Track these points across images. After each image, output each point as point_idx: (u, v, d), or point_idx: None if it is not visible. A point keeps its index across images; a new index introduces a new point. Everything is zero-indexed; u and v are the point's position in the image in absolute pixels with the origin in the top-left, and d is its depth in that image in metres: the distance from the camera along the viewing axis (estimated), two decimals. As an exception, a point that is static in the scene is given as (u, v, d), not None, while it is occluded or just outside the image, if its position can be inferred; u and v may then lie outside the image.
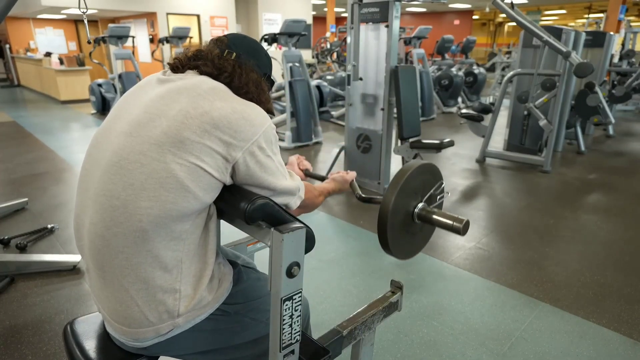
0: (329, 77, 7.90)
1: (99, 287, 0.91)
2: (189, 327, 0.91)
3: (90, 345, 1.00)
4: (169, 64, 1.01)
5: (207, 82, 0.92)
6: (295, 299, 0.88)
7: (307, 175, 1.45)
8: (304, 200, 1.05)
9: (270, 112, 1.03)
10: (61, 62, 8.70)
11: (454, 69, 7.99)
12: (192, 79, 0.92)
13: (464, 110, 4.91)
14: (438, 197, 1.24)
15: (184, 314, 0.89)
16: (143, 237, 0.82)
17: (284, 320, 0.87)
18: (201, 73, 0.95)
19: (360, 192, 1.35)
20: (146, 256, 0.83)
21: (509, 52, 13.79)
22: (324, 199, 1.21)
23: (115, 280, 0.86)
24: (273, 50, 6.81)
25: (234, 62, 0.97)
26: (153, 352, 0.94)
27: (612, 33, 5.64)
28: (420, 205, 1.15)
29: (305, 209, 1.11)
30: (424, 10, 19.54)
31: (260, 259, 1.42)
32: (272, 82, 1.09)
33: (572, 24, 22.04)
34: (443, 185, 1.25)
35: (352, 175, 1.39)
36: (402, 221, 1.12)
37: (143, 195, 0.81)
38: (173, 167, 0.81)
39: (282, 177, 0.96)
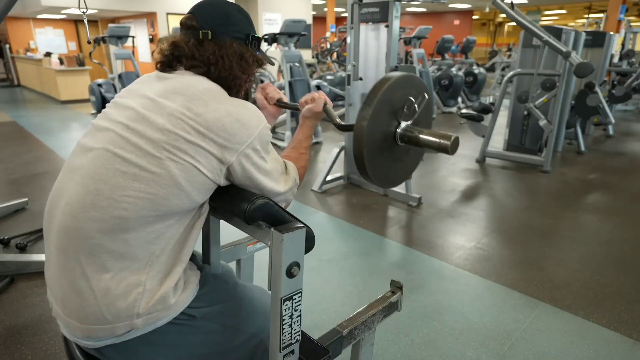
0: (329, 77, 7.89)
1: (57, 276, 0.86)
2: (148, 330, 0.86)
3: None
4: (156, 68, 0.99)
5: (202, 82, 0.92)
6: (295, 299, 0.88)
7: (280, 106, 1.27)
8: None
9: (270, 62, 1.05)
10: (61, 62, 8.70)
11: (454, 69, 7.99)
12: (187, 79, 0.92)
13: (464, 110, 4.91)
14: (417, 107, 1.06)
15: (143, 314, 0.84)
16: (123, 225, 0.81)
17: (283, 320, 0.87)
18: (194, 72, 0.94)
19: (338, 120, 1.17)
20: (120, 245, 0.81)
21: (509, 50, 13.78)
22: (309, 146, 1.16)
23: (77, 267, 0.82)
24: (273, 50, 6.80)
25: (214, 47, 0.94)
26: (109, 356, 0.88)
27: (612, 33, 5.64)
28: (402, 124, 1.03)
29: (300, 180, 1.09)
30: (424, 10, 19.53)
31: (260, 259, 1.42)
32: (258, 40, 1.03)
33: (572, 24, 22.03)
34: (424, 96, 1.08)
35: (320, 101, 1.17)
36: (383, 143, 1.01)
37: (134, 186, 0.81)
38: (168, 164, 0.81)
39: (278, 175, 0.96)
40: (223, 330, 0.96)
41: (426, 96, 1.10)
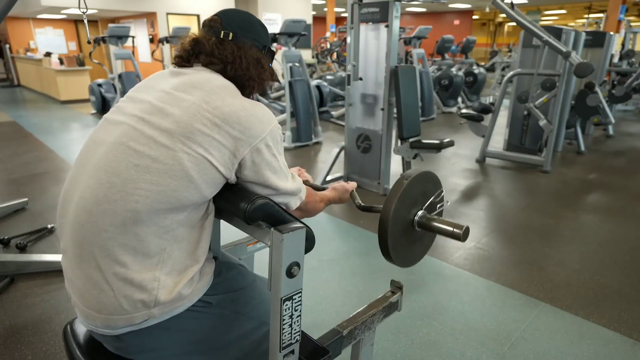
0: (329, 77, 7.89)
1: (73, 268, 0.88)
2: (165, 318, 0.88)
3: (91, 345, 1.00)
4: (173, 64, 1.03)
5: (218, 79, 0.95)
6: (295, 299, 0.88)
7: (308, 185, 1.44)
8: (306, 203, 1.06)
9: (276, 80, 1.07)
10: (61, 62, 8.70)
11: (454, 69, 7.99)
12: (204, 75, 0.95)
13: (464, 110, 4.90)
14: (438, 206, 1.24)
15: (160, 305, 0.85)
16: (135, 218, 0.82)
17: (284, 320, 0.88)
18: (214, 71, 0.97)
19: (360, 202, 1.35)
20: (131, 239, 0.83)
21: (509, 51, 13.80)
22: (324, 205, 1.22)
23: (92, 260, 0.84)
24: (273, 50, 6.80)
25: (233, 46, 0.98)
26: (127, 341, 0.90)
27: (612, 33, 5.65)
28: (420, 213, 1.16)
29: (307, 214, 1.12)
30: (424, 10, 19.54)
31: (260, 259, 1.42)
32: (272, 53, 1.09)
33: (572, 24, 22.03)
34: (443, 194, 1.25)
35: (352, 185, 1.38)
36: (403, 229, 1.13)
37: (146, 178, 0.82)
38: (181, 156, 0.82)
39: (284, 177, 0.97)
40: (235, 317, 1.00)
41: (442, 190, 1.26)
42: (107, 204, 0.82)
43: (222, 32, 0.99)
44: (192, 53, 0.99)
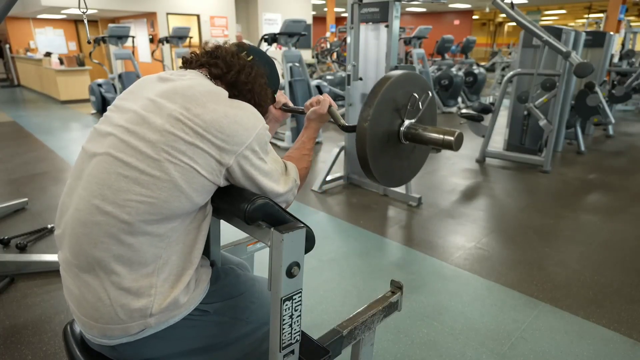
0: (329, 77, 7.89)
1: (72, 277, 0.88)
2: (162, 328, 0.88)
3: (91, 345, 1.00)
4: (184, 57, 1.03)
5: (204, 84, 0.93)
6: (295, 299, 0.88)
7: (285, 110, 1.30)
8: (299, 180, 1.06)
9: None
10: (61, 62, 8.70)
11: (454, 69, 7.99)
12: (190, 81, 0.93)
13: (464, 110, 4.91)
14: (421, 104, 1.06)
15: (156, 313, 0.85)
16: (128, 229, 0.81)
17: (284, 320, 0.87)
18: (210, 73, 0.97)
19: (343, 121, 1.18)
20: (126, 249, 0.82)
21: (509, 53, 13.81)
22: (312, 151, 1.20)
23: (89, 270, 0.84)
24: (273, 50, 6.81)
25: (247, 63, 0.99)
26: (123, 352, 0.90)
27: (612, 33, 5.64)
28: (405, 122, 1.03)
29: (302, 181, 1.10)
30: (424, 10, 19.53)
31: (260, 259, 1.42)
32: (273, 99, 1.11)
33: (572, 24, 22.03)
34: (427, 94, 1.09)
35: (325, 103, 1.20)
36: (387, 143, 0.99)
37: (136, 190, 0.81)
38: (167, 166, 0.81)
39: (277, 175, 0.96)
40: (235, 322, 0.99)
41: (429, 94, 1.09)
42: (101, 215, 0.82)
43: (245, 52, 1.02)
44: (206, 55, 0.99)
